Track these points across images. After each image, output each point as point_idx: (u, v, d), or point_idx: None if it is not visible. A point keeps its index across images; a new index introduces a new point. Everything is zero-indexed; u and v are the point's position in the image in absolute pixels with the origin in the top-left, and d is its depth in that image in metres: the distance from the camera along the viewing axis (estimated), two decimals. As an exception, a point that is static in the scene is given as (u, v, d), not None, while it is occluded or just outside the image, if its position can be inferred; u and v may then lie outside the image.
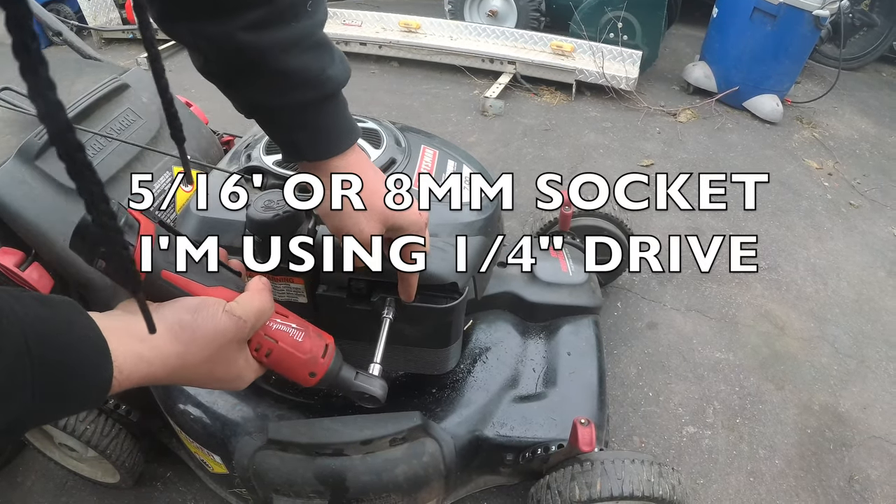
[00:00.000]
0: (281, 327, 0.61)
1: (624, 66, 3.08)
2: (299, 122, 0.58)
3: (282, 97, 0.56)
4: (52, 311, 0.41)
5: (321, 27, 0.56)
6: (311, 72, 0.55)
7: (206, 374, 0.53)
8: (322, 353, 0.64)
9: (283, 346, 0.60)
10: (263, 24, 0.51)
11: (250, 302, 0.55)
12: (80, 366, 0.41)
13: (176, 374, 0.50)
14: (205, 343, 0.51)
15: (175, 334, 0.49)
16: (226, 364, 0.54)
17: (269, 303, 0.58)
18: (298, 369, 0.63)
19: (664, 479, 0.93)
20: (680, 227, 2.17)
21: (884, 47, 3.69)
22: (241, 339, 0.55)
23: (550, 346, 1.17)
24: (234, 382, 0.57)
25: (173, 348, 0.49)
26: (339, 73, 0.59)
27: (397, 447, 0.96)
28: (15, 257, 0.97)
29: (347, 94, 0.62)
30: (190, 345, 0.50)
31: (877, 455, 1.42)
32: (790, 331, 1.77)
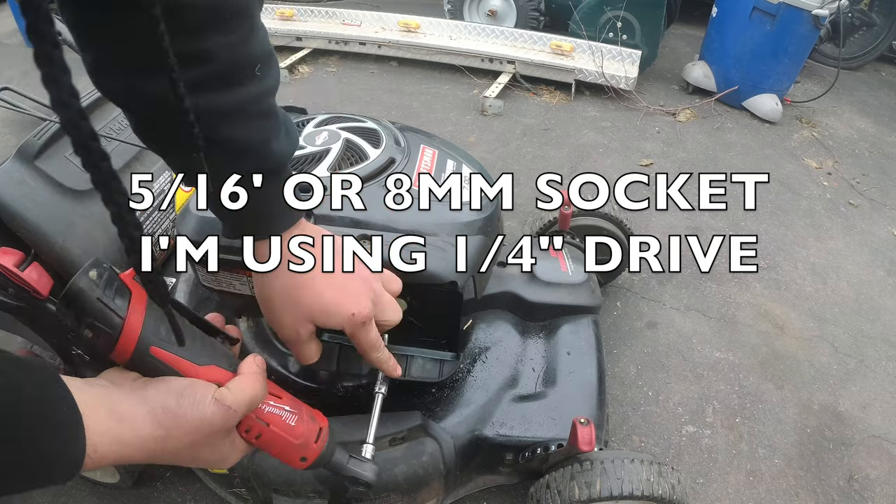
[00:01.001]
0: (274, 410, 0.58)
1: (623, 65, 3.08)
2: (233, 196, 0.54)
3: (217, 168, 0.51)
4: (28, 376, 0.38)
5: (271, 95, 0.52)
6: (249, 143, 0.51)
7: (188, 458, 0.50)
8: (315, 437, 0.62)
9: (275, 429, 0.58)
10: (203, 86, 0.45)
11: (242, 389, 0.52)
12: (46, 445, 0.37)
13: (155, 456, 0.47)
14: (189, 430, 0.48)
15: (157, 419, 0.46)
16: (209, 449, 0.51)
17: (262, 389, 0.55)
18: (289, 453, 0.60)
19: (664, 479, 0.93)
20: (679, 227, 2.17)
21: (883, 47, 3.69)
22: (228, 428, 0.52)
23: (550, 345, 1.17)
24: (217, 464, 0.54)
25: (154, 432, 0.46)
26: (285, 147, 0.54)
27: (397, 447, 0.96)
28: (14, 257, 0.96)
29: (347, 93, 0.61)
30: (172, 430, 0.47)
31: (876, 454, 1.42)
32: (790, 330, 1.77)
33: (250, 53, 0.48)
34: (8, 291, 0.84)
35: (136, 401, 0.46)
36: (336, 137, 0.96)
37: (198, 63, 0.44)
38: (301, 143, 0.96)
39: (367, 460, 0.70)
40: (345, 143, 0.95)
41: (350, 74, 3.36)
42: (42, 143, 1.05)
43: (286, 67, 3.26)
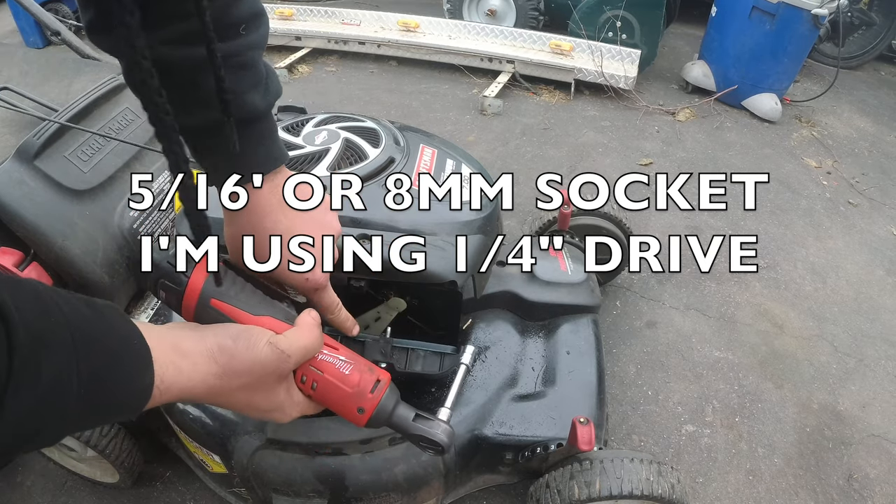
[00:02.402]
0: (327, 358, 0.60)
1: (623, 65, 3.08)
2: (208, 140, 0.55)
3: (192, 115, 0.52)
4: (96, 314, 0.41)
5: (253, 50, 0.53)
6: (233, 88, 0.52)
7: (245, 402, 0.53)
8: (371, 387, 0.61)
9: (329, 377, 0.59)
10: (186, 39, 0.48)
11: (297, 338, 0.55)
12: (122, 370, 0.41)
13: (213, 394, 0.50)
14: (242, 370, 0.51)
15: (213, 356, 0.50)
16: (265, 394, 0.54)
17: (317, 339, 0.58)
18: (346, 403, 0.60)
19: (663, 478, 0.93)
20: (679, 227, 2.17)
21: (882, 46, 3.69)
22: (281, 372, 0.54)
23: (549, 344, 1.17)
24: (274, 413, 0.57)
25: (211, 368, 0.49)
26: (261, 99, 0.55)
27: (396, 446, 0.96)
28: (14, 257, 0.97)
29: (347, 93, 0.61)
30: (227, 368, 0.50)
31: (876, 453, 1.42)
32: (789, 329, 1.77)
33: (237, 14, 0.50)
34: (7, 291, 0.84)
35: (196, 339, 0.50)
36: (335, 137, 0.96)
37: (185, 18, 0.46)
38: (300, 142, 0.96)
39: (441, 420, 0.67)
40: (344, 143, 0.95)
41: (349, 74, 3.36)
42: (41, 143, 1.04)
43: (286, 67, 3.26)
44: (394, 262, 0.81)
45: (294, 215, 0.60)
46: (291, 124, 1.01)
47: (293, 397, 0.57)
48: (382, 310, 0.91)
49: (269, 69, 0.57)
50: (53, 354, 0.35)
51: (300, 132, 0.99)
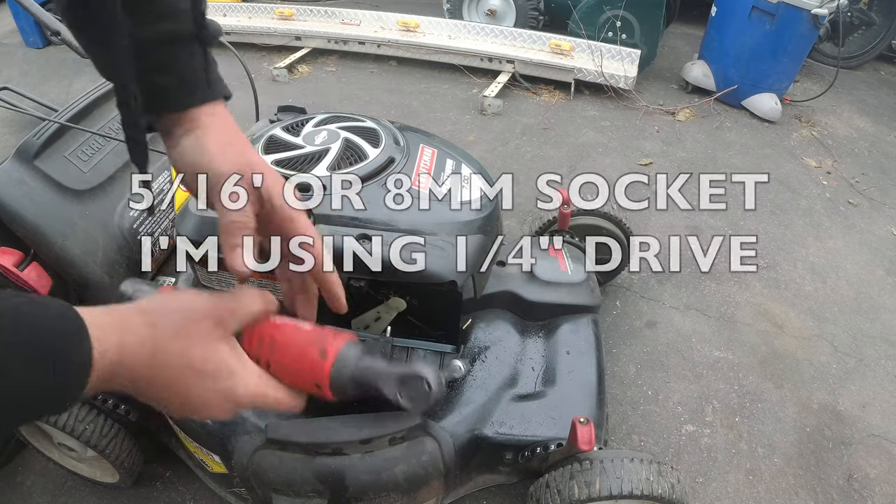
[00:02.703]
0: (285, 320, 0.54)
1: (622, 64, 3.08)
2: (162, 59, 0.53)
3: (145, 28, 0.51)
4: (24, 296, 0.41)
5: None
6: (179, 6, 0.52)
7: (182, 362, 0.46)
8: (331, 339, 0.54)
9: (283, 335, 0.53)
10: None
11: (235, 293, 0.51)
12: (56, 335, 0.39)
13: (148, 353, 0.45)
14: (170, 312, 0.47)
15: (144, 303, 0.47)
16: (203, 348, 0.47)
17: (261, 299, 0.53)
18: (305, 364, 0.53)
19: (663, 478, 0.93)
20: (679, 227, 2.17)
21: (882, 46, 3.69)
22: (218, 318, 0.49)
23: (549, 344, 1.17)
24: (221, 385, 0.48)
25: (139, 318, 0.45)
26: (211, 24, 0.56)
27: (396, 446, 0.96)
28: (13, 257, 0.97)
29: (346, 93, 0.61)
30: (156, 315, 0.46)
31: (876, 453, 1.42)
32: (789, 329, 1.77)
33: None
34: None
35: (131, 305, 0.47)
36: (335, 137, 0.96)
37: None
38: (300, 142, 0.96)
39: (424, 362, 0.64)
40: (344, 143, 0.95)
41: (349, 74, 3.36)
42: (41, 143, 1.04)
43: (285, 67, 3.26)
44: (394, 262, 0.81)
45: None
46: (291, 124, 1.01)
47: (245, 365, 0.50)
48: (382, 310, 0.91)
49: None
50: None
51: (300, 132, 0.99)
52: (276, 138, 0.97)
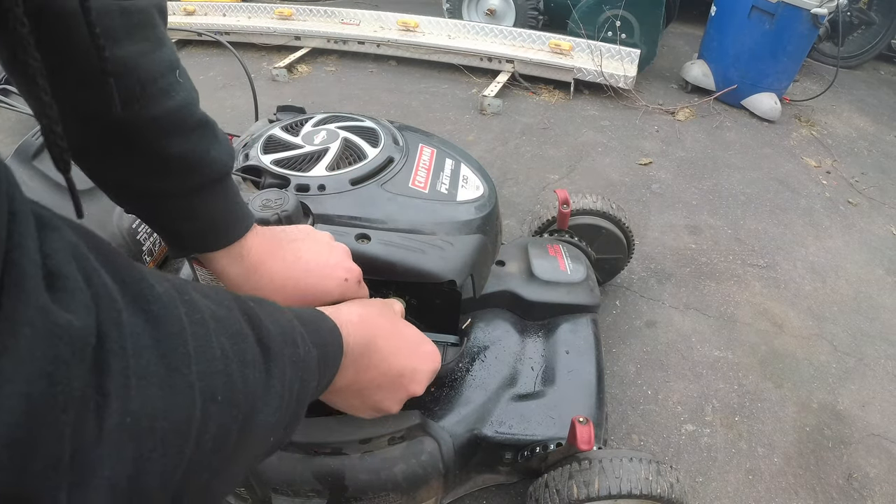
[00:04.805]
0: None
1: (622, 64, 3.08)
2: (183, 210, 0.53)
3: (162, 182, 0.50)
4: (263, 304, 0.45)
5: (197, 103, 0.52)
6: (194, 156, 0.51)
7: (392, 328, 0.57)
8: None
9: None
10: (132, 99, 0.46)
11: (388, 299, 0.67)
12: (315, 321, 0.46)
13: (365, 324, 0.53)
14: (365, 302, 0.58)
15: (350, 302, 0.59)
16: (398, 320, 0.61)
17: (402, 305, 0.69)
18: None
19: (662, 478, 0.93)
20: (679, 226, 2.17)
21: (882, 45, 3.69)
22: (392, 309, 0.63)
23: (549, 344, 1.18)
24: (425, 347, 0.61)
25: (347, 306, 0.56)
26: (225, 154, 0.54)
27: (396, 446, 0.96)
28: (12, 257, 0.96)
29: (346, 93, 0.61)
30: (355, 304, 0.57)
31: (875, 453, 1.42)
32: (789, 329, 1.77)
33: (168, 58, 0.49)
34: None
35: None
36: (334, 136, 0.96)
37: (118, 75, 0.44)
38: (299, 142, 0.96)
39: None
40: (343, 143, 0.95)
41: (349, 73, 3.36)
42: (40, 142, 1.04)
43: (285, 67, 3.26)
44: (392, 261, 0.81)
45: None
46: (290, 124, 1.01)
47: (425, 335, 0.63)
48: (381, 309, 0.91)
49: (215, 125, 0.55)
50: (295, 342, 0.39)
51: (299, 132, 0.99)
52: (275, 138, 0.97)
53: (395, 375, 0.56)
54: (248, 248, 0.57)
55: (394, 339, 0.56)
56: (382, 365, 0.54)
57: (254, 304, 0.36)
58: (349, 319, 0.50)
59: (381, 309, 0.58)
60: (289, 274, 0.58)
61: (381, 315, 0.57)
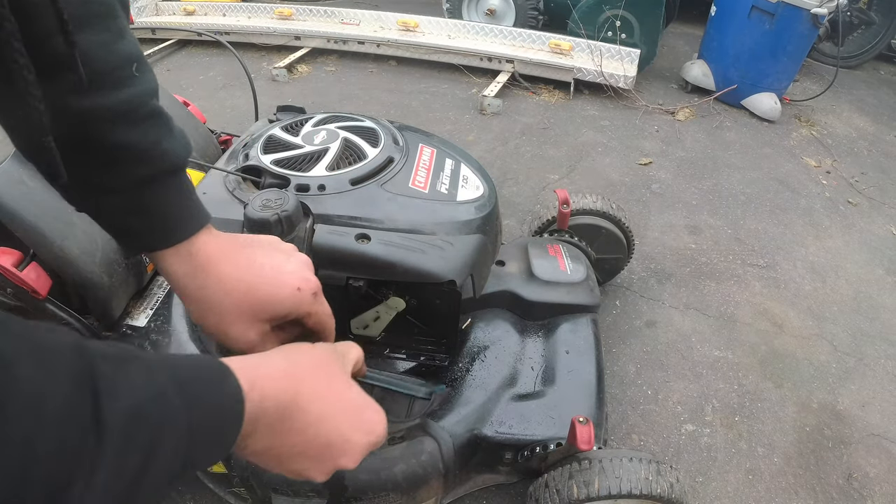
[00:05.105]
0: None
1: (622, 64, 3.08)
2: (130, 205, 0.50)
3: (109, 174, 0.48)
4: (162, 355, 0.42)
5: (154, 95, 0.50)
6: (142, 146, 0.48)
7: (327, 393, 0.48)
8: None
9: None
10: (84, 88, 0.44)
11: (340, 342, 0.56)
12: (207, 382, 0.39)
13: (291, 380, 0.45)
14: (303, 351, 0.49)
15: (270, 352, 0.49)
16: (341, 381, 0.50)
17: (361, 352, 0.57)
18: None
19: (662, 478, 0.93)
20: (678, 226, 2.17)
21: (882, 45, 3.69)
22: (339, 360, 0.52)
23: (549, 344, 1.18)
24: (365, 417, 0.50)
25: (277, 355, 0.48)
26: (178, 147, 0.52)
27: (396, 446, 0.96)
28: (13, 257, 0.96)
29: (346, 93, 0.60)
30: (291, 352, 0.48)
31: (875, 453, 1.42)
32: (789, 329, 1.77)
33: (126, 51, 0.47)
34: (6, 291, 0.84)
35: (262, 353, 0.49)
36: (335, 136, 0.96)
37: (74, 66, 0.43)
38: (299, 142, 0.96)
39: None
40: (343, 143, 0.95)
41: (349, 73, 3.36)
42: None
43: (285, 67, 3.26)
44: (392, 262, 0.81)
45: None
46: (290, 124, 1.01)
47: (369, 402, 0.52)
48: (381, 309, 0.91)
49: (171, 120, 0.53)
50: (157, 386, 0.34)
51: (299, 132, 0.99)
52: (276, 138, 0.97)
53: (321, 445, 0.47)
54: (198, 248, 0.53)
55: (327, 402, 0.47)
56: (308, 431, 0.45)
57: (109, 368, 0.32)
58: (269, 374, 0.43)
59: (319, 361, 0.49)
60: (239, 277, 0.53)
61: (315, 369, 0.48)
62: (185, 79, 3.25)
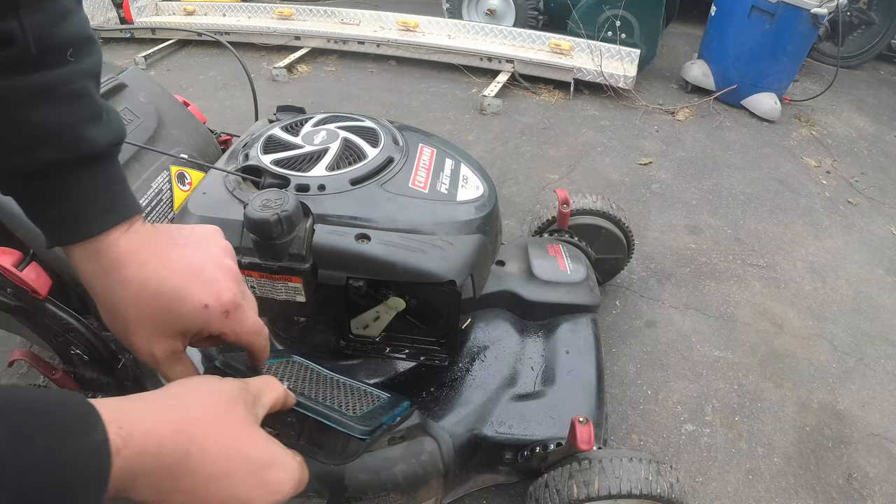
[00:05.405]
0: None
1: (622, 64, 3.08)
2: (41, 192, 0.46)
3: (19, 156, 0.44)
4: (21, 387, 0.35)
5: (86, 78, 0.47)
6: (58, 126, 0.45)
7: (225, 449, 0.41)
8: None
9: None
10: (5, 68, 0.42)
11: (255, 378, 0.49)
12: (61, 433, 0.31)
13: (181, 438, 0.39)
14: (203, 394, 0.43)
15: (167, 389, 0.42)
16: (244, 432, 0.43)
17: (277, 383, 0.50)
18: None
19: (662, 477, 0.93)
20: (678, 226, 2.17)
21: (882, 45, 3.69)
22: (246, 400, 0.45)
23: (549, 344, 1.18)
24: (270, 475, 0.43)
25: (168, 402, 0.41)
26: (101, 135, 0.47)
27: (396, 446, 0.96)
28: (13, 257, 0.96)
29: (346, 93, 0.58)
30: (185, 397, 0.42)
31: (875, 453, 1.42)
32: (789, 329, 1.77)
33: (61, 36, 0.44)
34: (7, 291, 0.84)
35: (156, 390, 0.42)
36: (334, 136, 0.96)
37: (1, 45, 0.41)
38: (299, 142, 0.96)
39: None
40: (343, 143, 0.95)
41: (349, 73, 3.36)
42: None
43: (285, 67, 3.26)
44: (392, 262, 0.81)
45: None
46: (290, 124, 1.01)
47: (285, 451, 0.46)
48: (381, 309, 0.91)
49: (109, 107, 0.49)
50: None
51: (299, 132, 0.99)
52: (275, 138, 0.97)
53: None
54: (108, 246, 0.47)
55: (222, 461, 0.40)
56: (198, 491, 0.39)
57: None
58: (153, 428, 0.37)
59: (220, 408, 0.42)
60: (142, 284, 0.47)
61: (213, 421, 0.41)
62: (185, 79, 3.25)
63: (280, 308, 0.87)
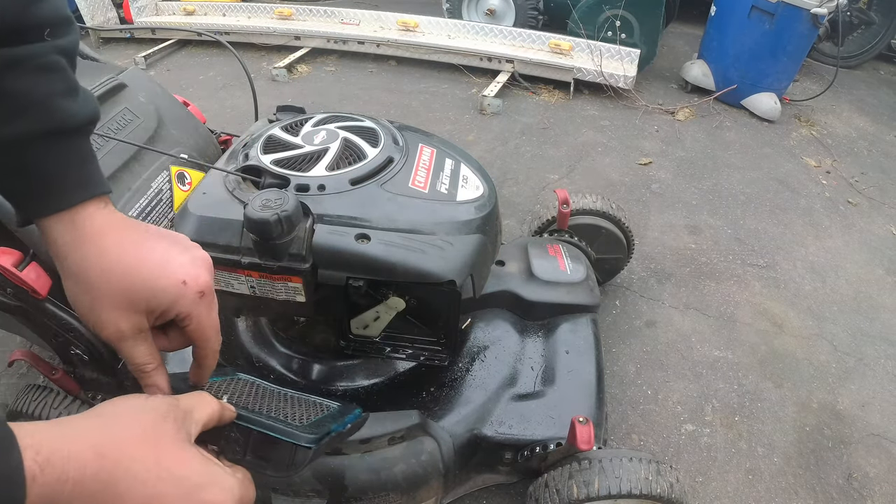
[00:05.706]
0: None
1: (622, 64, 3.08)
2: (15, 161, 0.46)
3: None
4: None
5: (61, 54, 0.47)
6: (31, 97, 0.45)
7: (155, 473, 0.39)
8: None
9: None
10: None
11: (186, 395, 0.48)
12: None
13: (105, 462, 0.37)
14: (129, 413, 0.41)
15: (93, 410, 0.41)
16: (175, 453, 0.41)
17: (211, 398, 0.49)
18: None
19: (662, 477, 0.93)
20: (678, 226, 2.17)
21: (882, 45, 3.69)
22: (176, 418, 0.43)
23: (549, 344, 1.18)
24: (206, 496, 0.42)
25: (93, 423, 0.39)
26: (76, 108, 0.48)
27: (396, 446, 0.96)
28: (13, 257, 0.96)
29: (346, 93, 0.58)
30: (110, 418, 0.40)
31: (875, 453, 1.42)
32: (788, 329, 1.77)
33: (38, 15, 0.45)
34: (7, 291, 0.84)
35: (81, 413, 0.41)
36: (334, 136, 0.96)
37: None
38: (299, 142, 0.96)
39: None
40: (343, 143, 0.95)
41: (349, 73, 3.36)
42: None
43: (285, 67, 3.26)
44: (392, 262, 0.81)
45: None
46: (290, 124, 1.01)
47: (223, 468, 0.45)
48: (381, 309, 0.91)
49: (84, 89, 0.50)
50: None
51: (299, 132, 0.99)
52: (275, 138, 0.97)
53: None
54: (84, 217, 0.48)
55: (150, 485, 0.38)
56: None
57: None
58: (73, 453, 0.35)
59: (148, 429, 0.41)
60: (121, 255, 0.48)
61: (141, 442, 0.39)
62: (185, 79, 3.25)
63: (280, 308, 0.87)
